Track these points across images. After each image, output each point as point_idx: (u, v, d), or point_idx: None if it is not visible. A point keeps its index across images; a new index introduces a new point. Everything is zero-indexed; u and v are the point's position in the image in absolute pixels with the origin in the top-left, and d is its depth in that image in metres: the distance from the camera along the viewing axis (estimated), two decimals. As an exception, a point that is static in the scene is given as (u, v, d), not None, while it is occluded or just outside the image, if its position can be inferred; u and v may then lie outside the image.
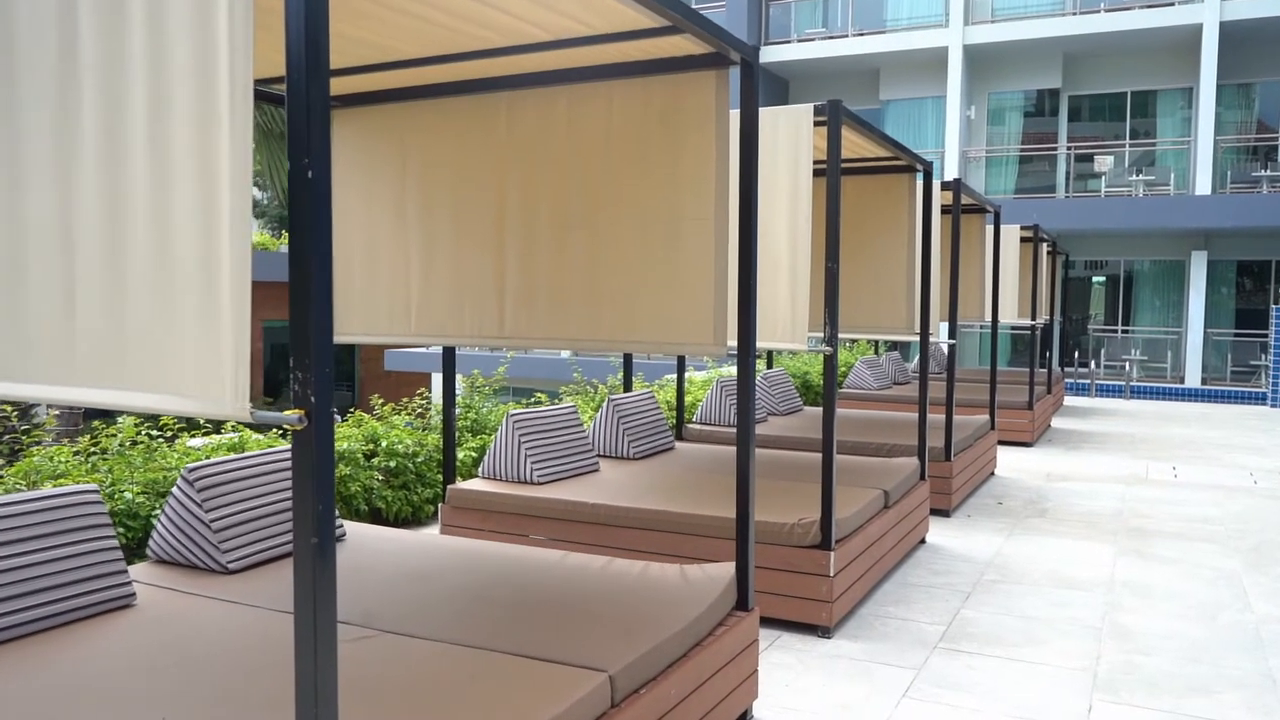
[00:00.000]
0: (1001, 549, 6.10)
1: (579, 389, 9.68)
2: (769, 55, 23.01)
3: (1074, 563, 5.80)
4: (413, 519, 6.48)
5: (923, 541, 6.22)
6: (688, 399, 9.86)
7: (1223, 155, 20.16)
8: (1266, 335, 20.02)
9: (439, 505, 5.34)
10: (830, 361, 4.42)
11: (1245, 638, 4.55)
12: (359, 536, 4.09)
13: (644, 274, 3.71)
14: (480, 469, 5.52)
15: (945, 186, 7.19)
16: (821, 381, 12.99)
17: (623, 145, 3.75)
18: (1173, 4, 19.59)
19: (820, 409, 9.07)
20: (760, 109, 4.49)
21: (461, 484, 5.35)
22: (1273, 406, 15.17)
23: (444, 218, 4.17)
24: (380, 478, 6.18)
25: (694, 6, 24.92)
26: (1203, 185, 19.03)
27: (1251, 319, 20.33)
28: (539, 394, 8.93)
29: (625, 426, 6.22)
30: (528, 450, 5.35)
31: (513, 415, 5.42)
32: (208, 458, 4.95)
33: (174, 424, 6.27)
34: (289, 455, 4.01)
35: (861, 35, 22.14)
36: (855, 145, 5.52)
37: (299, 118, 1.66)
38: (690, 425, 7.84)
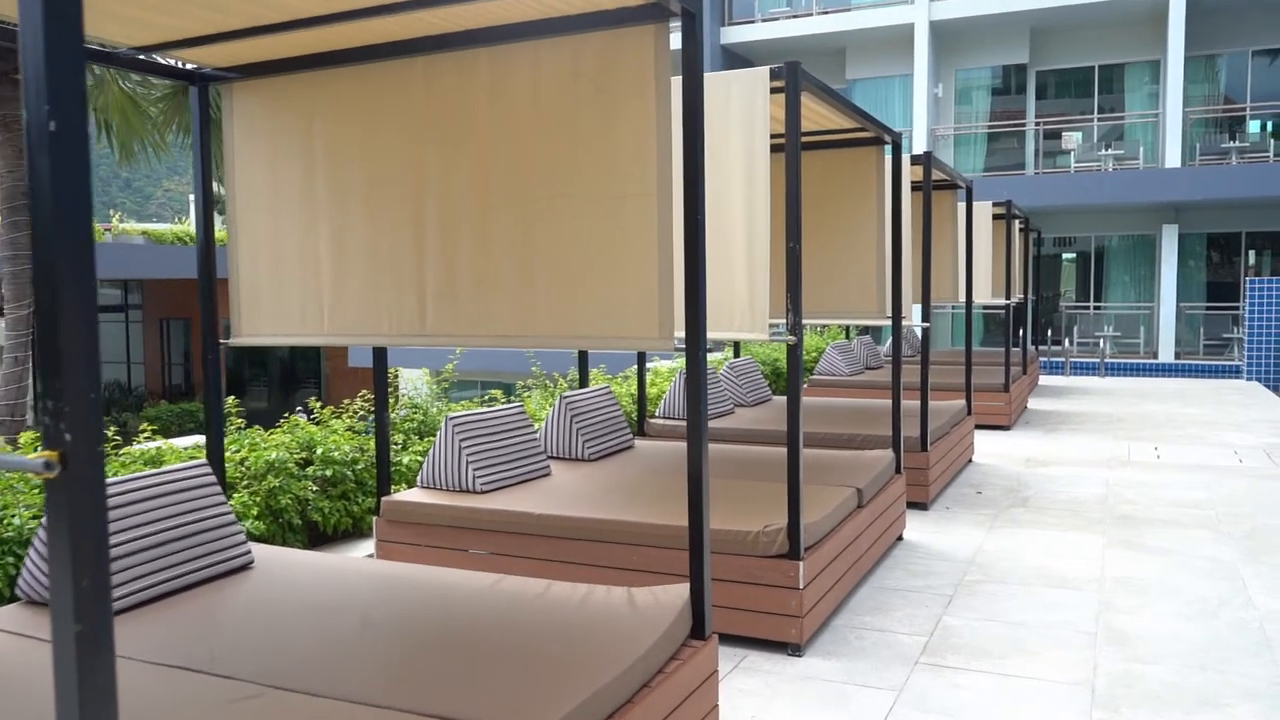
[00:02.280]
0: (983, 545, 5.73)
1: (538, 383, 9.22)
2: (732, 36, 22.56)
3: (1061, 557, 5.44)
4: (354, 531, 6.01)
5: (900, 539, 5.84)
6: (654, 390, 9.43)
7: (1191, 128, 19.96)
8: (1238, 308, 19.88)
9: (374, 520, 4.89)
10: (795, 352, 4.00)
11: (1251, 638, 4.19)
12: (269, 563, 3.63)
13: (580, 259, 3.27)
14: (419, 477, 5.07)
15: (915, 161, 6.79)
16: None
17: (552, 114, 3.30)
18: (1138, -25, 19.31)
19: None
20: (711, 74, 4.05)
21: (397, 495, 4.89)
22: (1248, 379, 14.97)
23: (356, 201, 3.70)
24: (315, 488, 5.71)
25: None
26: (1172, 158, 18.81)
27: (1222, 292, 20.18)
28: (493, 391, 8.47)
29: (579, 426, 5.78)
30: (469, 456, 4.90)
31: (452, 418, 4.96)
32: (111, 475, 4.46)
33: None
34: (192, 473, 3.54)
35: (826, 14, 21.75)
36: (818, 116, 5.10)
37: (31, 46, 1.21)
38: (653, 420, 7.41)
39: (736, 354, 9.15)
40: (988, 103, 21.80)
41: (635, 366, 11.04)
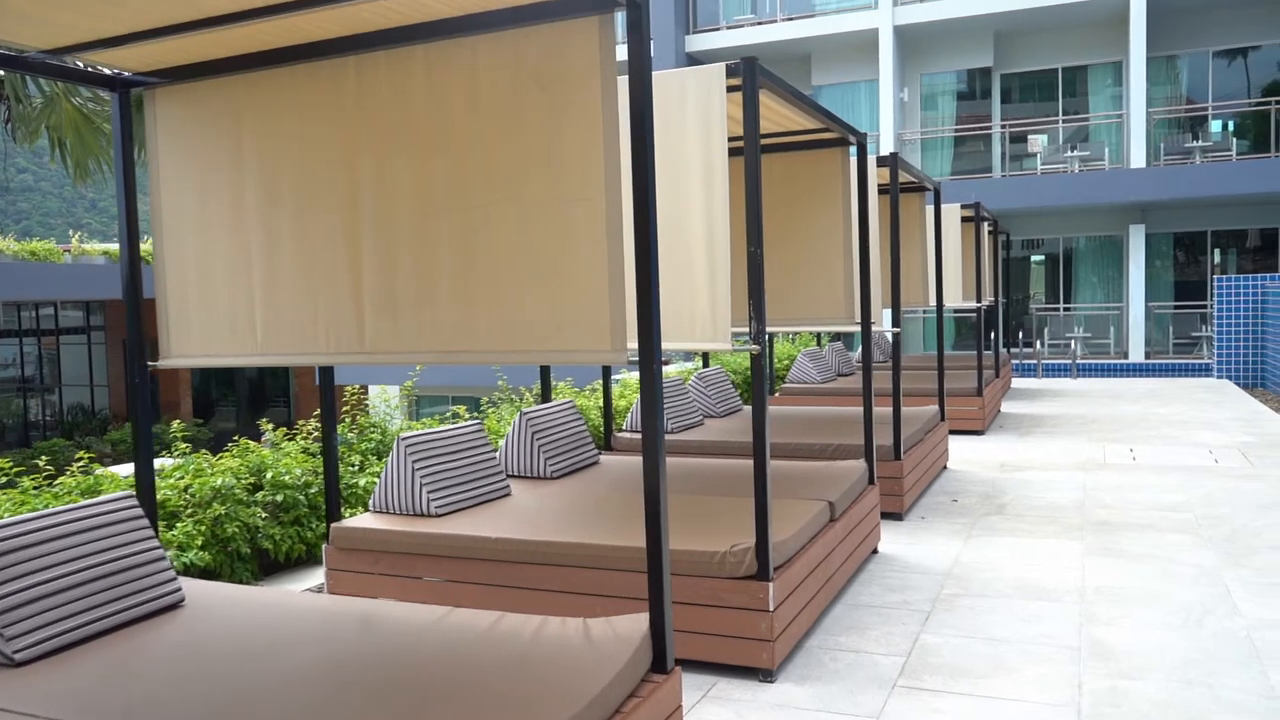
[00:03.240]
0: (960, 555, 5.55)
1: (504, 397, 8.99)
2: (697, 43, 22.46)
3: (1040, 566, 5.27)
4: (309, 558, 5.75)
5: (874, 552, 5.66)
6: (623, 402, 9.23)
7: (1155, 128, 20.06)
8: (1205, 306, 19.97)
9: (324, 547, 4.64)
10: (758, 362, 3.81)
11: (1238, 649, 4.03)
12: (201, 601, 3.38)
13: (525, 268, 3.06)
14: (371, 501, 4.83)
15: (881, 163, 6.65)
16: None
17: (493, 113, 3.10)
18: (1099, -23, 19.40)
19: (761, 407, 8.49)
20: (664, 72, 3.87)
21: (348, 521, 4.65)
22: (1218, 377, 14.98)
23: (288, 211, 3.48)
24: (264, 514, 5.45)
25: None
26: (1137, 158, 18.88)
27: (1190, 291, 20.27)
28: (456, 408, 8.22)
29: (541, 443, 5.56)
30: (423, 478, 4.66)
31: (404, 438, 4.73)
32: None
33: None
34: (116, 506, 3.30)
35: (791, 20, 21.71)
36: (779, 116, 4.93)
37: None
38: (619, 434, 7.20)
39: (706, 364, 8.97)
40: (954, 107, 21.82)
41: (623, 376, 10.83)
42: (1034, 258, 21.39)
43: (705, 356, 8.93)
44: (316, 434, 6.51)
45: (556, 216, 3.00)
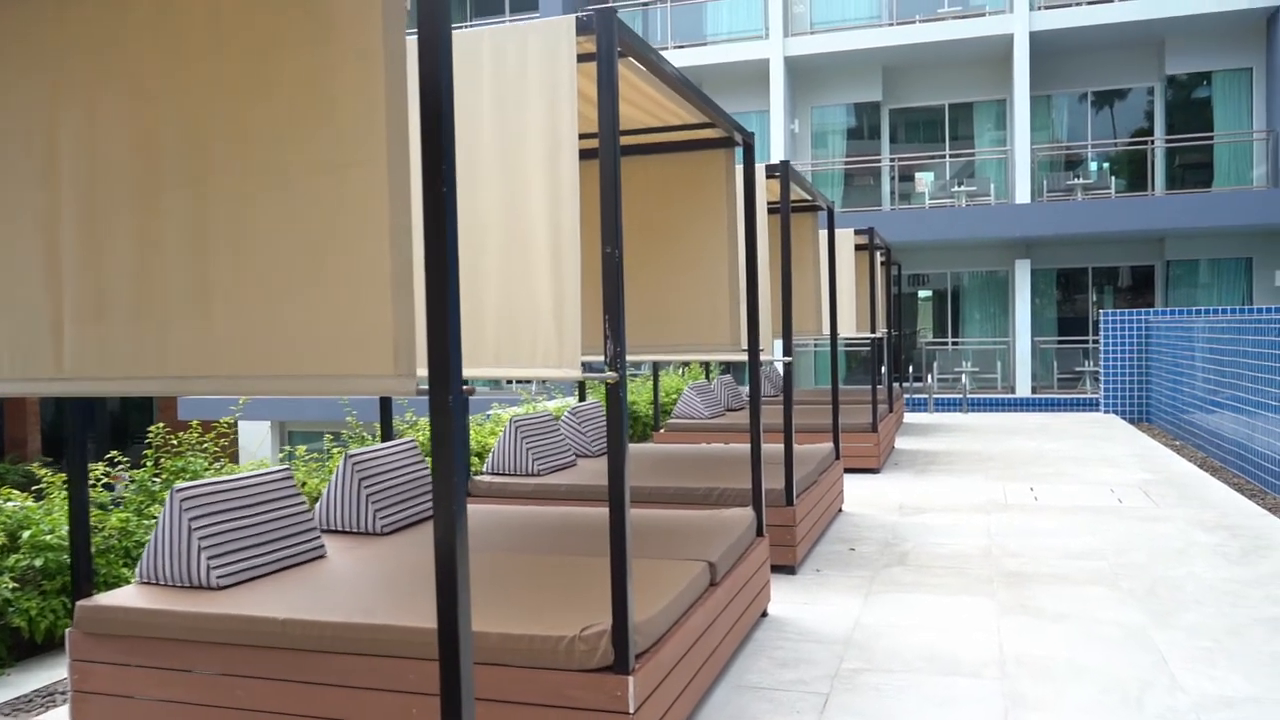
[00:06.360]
0: (860, 617, 4.84)
1: (354, 436, 7.97)
2: (587, 68, 21.85)
3: (951, 630, 4.59)
4: (80, 635, 4.67)
5: (764, 615, 4.90)
6: (493, 439, 8.32)
7: (1038, 166, 20.30)
8: (1087, 341, 20.19)
9: (68, 632, 3.62)
10: (615, 394, 3.00)
11: (1188, 737, 3.39)
12: None
13: (282, 265, 2.20)
14: (137, 570, 3.83)
15: (771, 174, 5.99)
16: (650, 411, 11.70)
17: (239, 52, 2.24)
18: (984, 14, 19.60)
19: (643, 444, 7.71)
20: (497, 27, 3.07)
21: (101, 598, 3.63)
22: (1105, 412, 14.92)
23: (-36, 185, 2.53)
24: (13, 585, 4.37)
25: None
26: (1022, 194, 19.01)
27: (1073, 326, 20.48)
28: (297, 448, 7.18)
29: (370, 491, 4.63)
30: (203, 539, 3.69)
31: (179, 490, 3.75)
32: None
33: None
34: None
35: (682, 48, 21.33)
36: (650, 102, 4.18)
37: None
38: (479, 477, 6.30)
39: (581, 397, 8.15)
40: (844, 144, 21.73)
41: (494, 410, 9.88)
42: (921, 293, 21.35)
43: (581, 388, 8.10)
44: (105, 479, 5.42)
45: (324, 194, 2.15)
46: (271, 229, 2.21)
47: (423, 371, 3.23)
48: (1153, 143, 19.70)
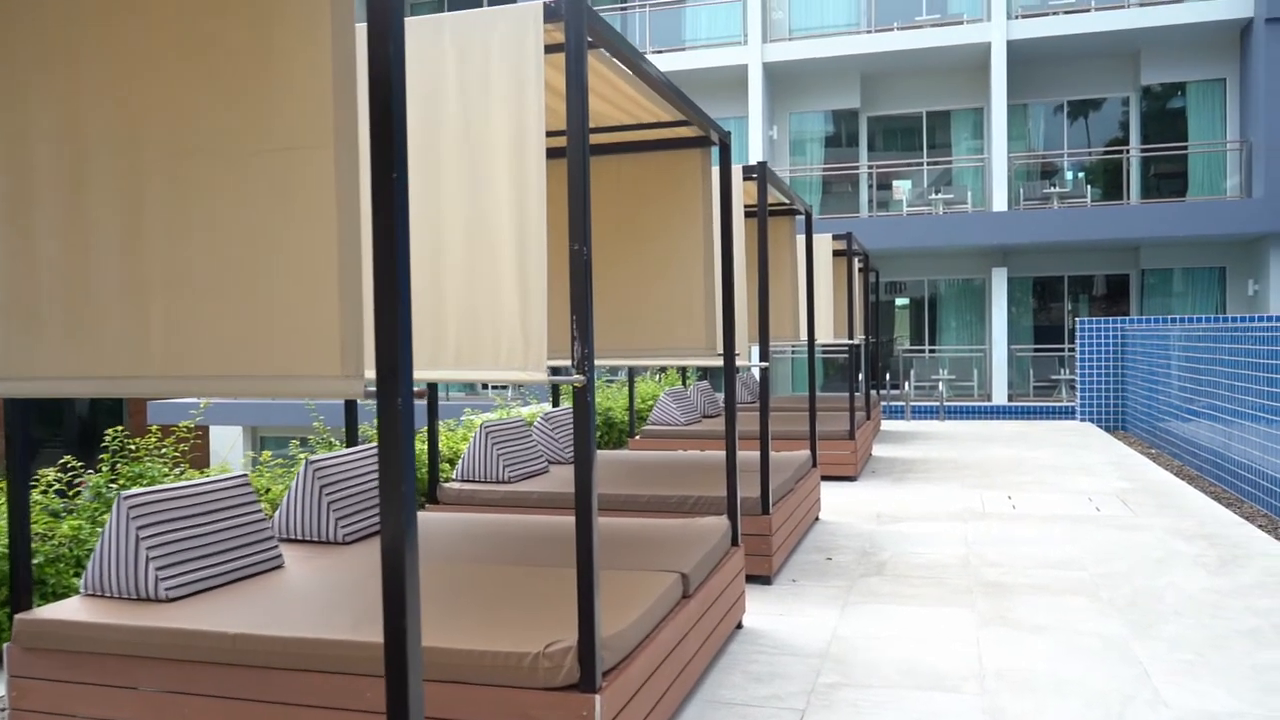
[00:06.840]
0: (838, 629, 4.72)
1: (321, 441, 7.78)
2: (565, 72, 21.73)
3: (930, 643, 4.48)
4: (26, 648, 4.47)
5: (739, 627, 4.77)
6: (463, 446, 8.15)
7: (1015, 174, 20.36)
8: (1063, 349, 20.25)
9: (5, 647, 3.44)
10: (582, 399, 2.86)
11: (1173, 755, 3.29)
12: None
13: (220, 255, 2.05)
14: (82, 580, 3.65)
15: (749, 175, 5.88)
16: (625, 418, 11.55)
17: (180, 27, 2.09)
18: (962, 23, 19.65)
19: (617, 451, 7.57)
20: (461, 14, 2.94)
21: (41, 610, 3.46)
22: (1081, 420, 14.92)
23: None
24: (-47, 597, 4.17)
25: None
26: (999, 202, 19.04)
27: (1049, 334, 20.54)
28: (263, 453, 6.99)
29: (331, 498, 4.47)
30: (151, 549, 3.52)
31: (127, 496, 3.58)
32: None
33: None
34: None
35: (660, 53, 21.25)
36: (623, 97, 4.06)
37: None
38: (448, 484, 6.14)
39: (555, 402, 8.00)
40: (822, 148, 21.72)
41: (467, 415, 9.73)
42: (898, 300, 21.35)
43: (554, 393, 7.95)
44: (56, 484, 5.22)
45: (265, 177, 2.01)
46: (209, 219, 2.06)
47: (371, 373, 3.08)
48: (1128, 152, 19.81)
